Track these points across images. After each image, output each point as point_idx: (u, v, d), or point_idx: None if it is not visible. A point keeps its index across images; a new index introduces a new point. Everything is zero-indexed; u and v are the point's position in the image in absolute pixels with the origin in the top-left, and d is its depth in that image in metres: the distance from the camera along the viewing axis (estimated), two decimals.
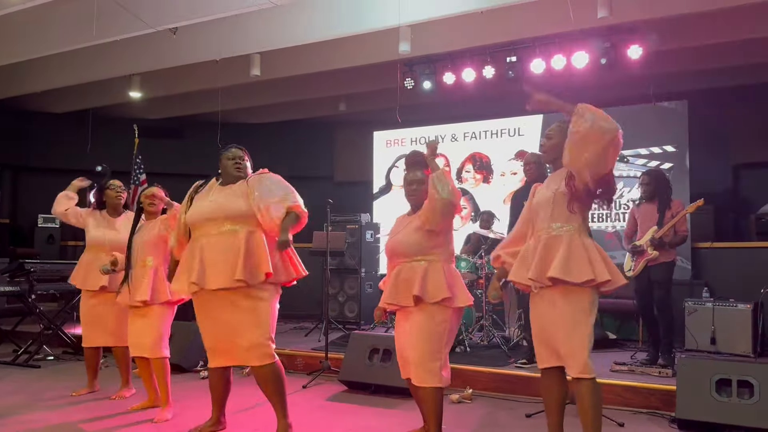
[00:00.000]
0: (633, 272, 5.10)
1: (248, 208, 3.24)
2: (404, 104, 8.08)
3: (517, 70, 7.09)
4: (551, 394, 2.98)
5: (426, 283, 3.12)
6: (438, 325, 3.13)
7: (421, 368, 3.12)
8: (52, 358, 5.98)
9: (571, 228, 2.82)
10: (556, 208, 2.85)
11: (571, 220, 2.83)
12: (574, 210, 2.81)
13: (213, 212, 3.26)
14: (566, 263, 2.74)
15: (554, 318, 2.81)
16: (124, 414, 4.02)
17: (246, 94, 8.94)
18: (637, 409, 4.22)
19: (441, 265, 3.18)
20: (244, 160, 3.43)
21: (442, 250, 3.22)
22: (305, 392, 4.76)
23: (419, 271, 3.15)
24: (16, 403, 4.26)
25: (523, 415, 4.05)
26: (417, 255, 3.19)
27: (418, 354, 3.13)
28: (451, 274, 3.20)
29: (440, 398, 3.16)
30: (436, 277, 3.13)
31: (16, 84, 8.60)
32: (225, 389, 3.45)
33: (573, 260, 2.75)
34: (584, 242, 2.82)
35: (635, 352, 5.58)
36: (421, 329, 3.14)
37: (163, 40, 6.91)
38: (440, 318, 3.13)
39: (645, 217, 5.13)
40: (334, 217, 6.74)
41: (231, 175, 3.38)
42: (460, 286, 3.21)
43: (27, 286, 5.85)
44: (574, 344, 2.75)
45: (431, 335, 3.12)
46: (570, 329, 2.76)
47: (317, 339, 6.32)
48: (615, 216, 7.18)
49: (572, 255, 2.76)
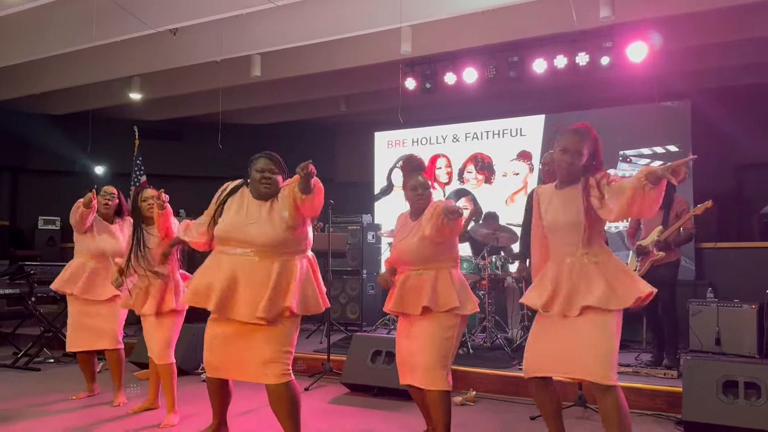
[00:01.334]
0: (638, 273, 5.06)
1: (282, 235, 2.98)
2: (405, 105, 8.05)
3: (518, 70, 7.05)
4: (544, 404, 2.95)
5: (435, 293, 3.13)
6: (446, 331, 3.14)
7: (430, 373, 3.12)
8: (52, 361, 5.95)
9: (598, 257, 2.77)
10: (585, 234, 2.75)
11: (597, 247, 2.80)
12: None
13: (245, 235, 2.99)
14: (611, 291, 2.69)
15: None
16: (125, 417, 3.99)
17: (246, 95, 8.91)
18: (642, 411, 4.18)
19: (449, 273, 3.18)
20: (275, 173, 3.08)
21: (448, 256, 3.23)
22: (307, 395, 4.72)
23: (428, 280, 3.15)
24: (16, 407, 4.23)
25: (527, 417, 4.02)
26: (424, 263, 3.20)
27: (428, 360, 3.12)
28: (459, 281, 3.21)
29: (448, 401, 3.16)
30: (445, 286, 3.14)
31: (15, 86, 8.57)
32: (225, 396, 3.27)
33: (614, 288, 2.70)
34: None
35: (639, 353, 5.55)
36: (431, 336, 3.14)
37: (163, 40, 6.88)
38: (449, 325, 3.15)
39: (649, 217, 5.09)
40: (335, 218, 6.70)
41: (259, 192, 3.07)
42: (468, 293, 3.23)
43: (27, 289, 5.82)
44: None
45: (441, 341, 3.13)
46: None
47: (319, 341, 6.29)
48: None
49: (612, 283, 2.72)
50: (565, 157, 2.78)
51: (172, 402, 3.90)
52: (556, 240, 2.84)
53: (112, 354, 4.41)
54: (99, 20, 6.26)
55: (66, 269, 4.51)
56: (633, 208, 2.54)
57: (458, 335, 3.22)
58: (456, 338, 3.20)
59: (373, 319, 7.27)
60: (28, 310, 6.03)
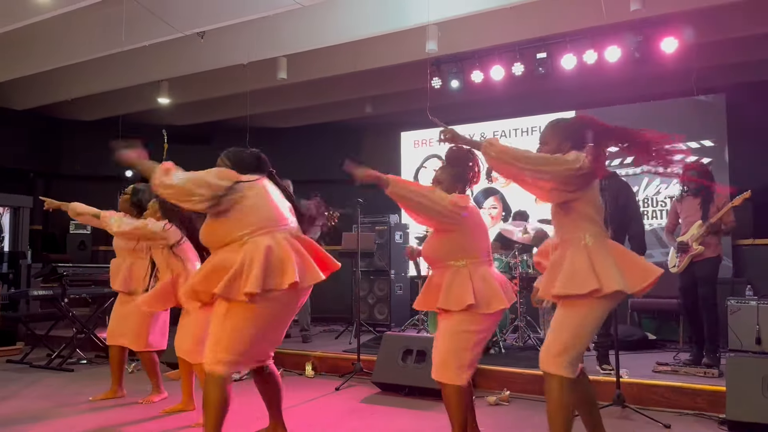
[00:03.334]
0: (677, 269, 4.94)
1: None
2: (432, 104, 8.00)
3: (547, 66, 6.97)
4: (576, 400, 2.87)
5: (449, 292, 3.04)
6: (462, 326, 3.02)
7: (442, 366, 3.06)
8: (85, 361, 6.01)
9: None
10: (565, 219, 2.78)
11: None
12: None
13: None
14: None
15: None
16: (158, 418, 3.98)
17: (273, 98, 8.95)
18: (683, 411, 4.06)
19: (468, 270, 3.03)
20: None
21: (467, 252, 3.06)
22: (338, 394, 4.69)
23: (446, 278, 3.07)
24: (50, 407, 4.27)
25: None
26: (443, 260, 3.10)
27: (441, 353, 3.07)
28: (480, 279, 3.03)
29: (460, 397, 3.03)
30: (461, 284, 3.02)
31: (47, 92, 8.74)
32: (263, 389, 3.30)
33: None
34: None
35: (677, 352, 5.41)
36: (447, 330, 3.08)
37: (190, 45, 6.94)
38: (466, 321, 3.03)
39: (689, 212, 4.98)
40: (362, 218, 6.66)
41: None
42: (492, 290, 3.03)
43: (60, 290, 5.89)
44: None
45: (455, 335, 3.04)
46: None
47: (348, 341, 6.26)
48: (652, 213, 6.99)
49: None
50: (542, 148, 2.85)
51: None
52: (555, 227, 2.89)
53: (141, 355, 4.47)
54: (129, 25, 6.34)
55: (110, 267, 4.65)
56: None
57: (479, 332, 3.04)
58: (475, 334, 3.02)
59: (401, 319, 7.22)
60: (61, 312, 6.10)
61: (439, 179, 3.21)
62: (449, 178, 3.17)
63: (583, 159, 2.64)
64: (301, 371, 5.45)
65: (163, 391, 4.49)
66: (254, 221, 2.93)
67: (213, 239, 3.01)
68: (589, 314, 2.67)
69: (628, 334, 5.89)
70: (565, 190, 2.66)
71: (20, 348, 6.61)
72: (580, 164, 2.61)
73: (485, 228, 3.19)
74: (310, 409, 4.24)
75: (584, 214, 2.71)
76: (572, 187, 2.65)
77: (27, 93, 8.89)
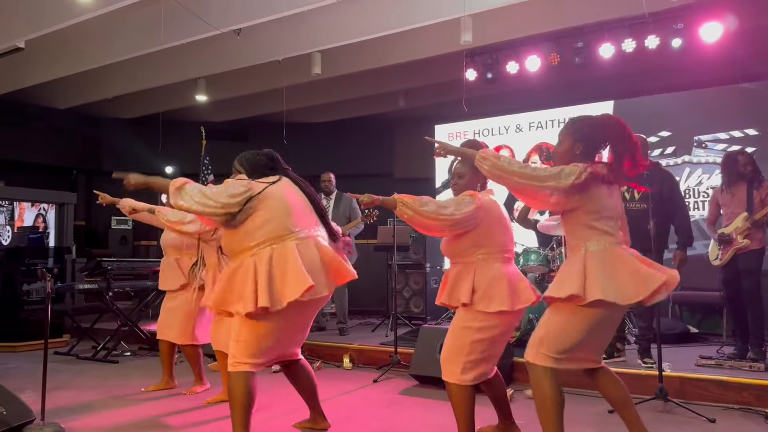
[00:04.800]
0: (720, 261, 4.83)
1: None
2: (466, 96, 7.96)
3: (584, 55, 6.86)
4: (603, 394, 2.92)
5: (451, 289, 3.04)
6: (466, 322, 2.98)
7: (444, 364, 3.04)
8: (129, 354, 6.17)
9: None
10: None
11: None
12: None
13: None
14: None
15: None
16: (201, 408, 4.07)
17: (308, 94, 9.02)
18: (729, 405, 3.97)
19: (475, 267, 2.97)
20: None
21: (481, 247, 2.98)
22: (376, 386, 4.73)
23: (452, 275, 3.06)
24: (97, 398, 4.39)
25: (603, 411, 3.87)
26: (459, 257, 3.06)
27: (444, 351, 3.06)
28: (484, 276, 2.95)
29: (465, 397, 2.97)
30: (463, 281, 2.98)
31: (89, 91, 8.96)
32: (300, 383, 3.36)
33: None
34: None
35: (721, 345, 5.29)
36: (452, 328, 3.07)
37: (227, 42, 7.03)
38: (468, 318, 2.99)
39: (732, 203, 4.85)
40: None
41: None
42: (496, 289, 2.93)
43: (104, 284, 6.05)
44: None
45: (457, 332, 3.01)
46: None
47: (384, 334, 6.29)
48: (693, 204, 6.83)
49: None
50: (557, 147, 2.86)
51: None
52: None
53: (183, 349, 4.58)
54: (167, 24, 6.45)
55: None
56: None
57: (481, 329, 2.94)
58: (476, 331, 2.94)
59: (437, 312, 7.22)
60: (105, 305, 6.27)
61: (460, 173, 3.15)
62: (470, 172, 3.09)
63: (579, 172, 2.60)
64: (339, 363, 5.51)
65: (205, 382, 4.60)
66: (263, 234, 2.94)
67: (229, 247, 3.10)
68: (571, 319, 2.66)
69: (669, 327, 5.79)
70: (561, 201, 2.66)
71: (67, 340, 6.82)
72: (573, 179, 2.59)
73: (506, 222, 3.08)
74: (349, 401, 4.28)
75: (584, 223, 2.67)
76: (568, 198, 2.65)
77: (69, 92, 9.14)
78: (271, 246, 2.93)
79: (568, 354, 2.69)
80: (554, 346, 2.68)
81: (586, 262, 2.62)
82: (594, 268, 2.60)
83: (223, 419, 3.76)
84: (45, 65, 7.82)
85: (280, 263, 2.90)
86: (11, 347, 6.43)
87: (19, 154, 9.41)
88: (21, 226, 8.85)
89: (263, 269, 2.87)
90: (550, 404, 2.70)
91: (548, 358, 2.69)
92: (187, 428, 3.62)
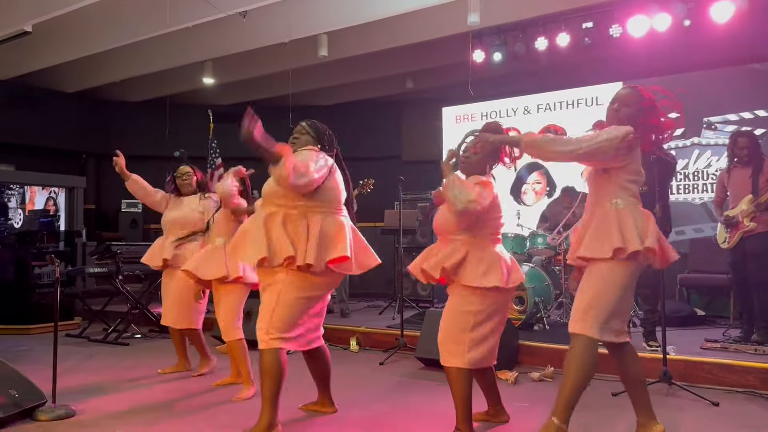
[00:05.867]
0: (728, 244, 4.81)
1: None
2: (474, 78, 7.91)
3: (593, 36, 6.79)
4: (623, 371, 2.94)
5: (447, 263, 2.97)
6: (464, 305, 2.97)
7: (443, 347, 3.04)
8: (139, 336, 6.25)
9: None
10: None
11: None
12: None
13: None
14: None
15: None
16: (210, 391, 4.11)
17: (314, 76, 9.00)
18: (733, 388, 3.99)
19: (472, 244, 2.98)
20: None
21: (477, 230, 3.00)
22: (382, 369, 4.77)
23: (447, 250, 3.01)
24: (109, 380, 4.46)
25: (608, 393, 3.90)
26: (452, 233, 3.04)
27: (442, 333, 3.05)
28: (482, 253, 2.97)
29: (465, 380, 2.97)
30: (458, 257, 2.96)
31: (96, 74, 8.98)
32: (318, 365, 3.42)
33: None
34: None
35: (727, 328, 5.29)
36: (448, 309, 3.06)
37: (233, 24, 7.00)
38: (464, 299, 2.98)
39: (737, 184, 4.82)
40: (404, 195, 6.67)
41: None
42: (494, 266, 2.96)
43: (114, 267, 6.11)
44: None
45: (455, 316, 3.00)
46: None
47: (391, 317, 6.33)
48: (702, 187, 6.79)
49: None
50: (623, 109, 2.87)
51: (247, 376, 3.98)
52: (589, 190, 2.95)
53: (184, 332, 4.59)
54: (173, 6, 6.44)
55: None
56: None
57: (482, 311, 2.96)
58: (477, 313, 2.95)
59: (444, 296, 7.16)
60: (115, 288, 6.34)
61: (476, 150, 3.13)
62: (482, 153, 3.11)
63: (625, 132, 2.71)
64: (346, 346, 5.56)
65: (211, 358, 4.63)
66: (319, 201, 3.05)
67: (276, 195, 3.07)
68: (609, 280, 2.73)
69: (675, 309, 5.79)
70: (621, 156, 2.74)
71: (78, 323, 6.91)
72: (622, 136, 2.70)
73: (499, 205, 3.08)
74: (355, 383, 4.32)
75: (620, 183, 2.79)
76: (618, 156, 2.73)
77: (76, 76, 9.15)
78: (322, 214, 3.04)
79: (609, 322, 2.75)
80: (599, 313, 2.72)
81: (620, 218, 2.73)
82: (630, 222, 2.71)
83: (234, 402, 3.82)
84: (52, 49, 7.83)
85: (331, 231, 3.02)
86: (24, 330, 6.52)
87: (28, 138, 9.46)
88: (32, 210, 8.94)
89: (315, 231, 2.98)
90: (586, 376, 2.75)
91: (595, 327, 2.72)
92: (199, 410, 3.67)
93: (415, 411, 3.63)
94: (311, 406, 3.56)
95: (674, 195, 6.77)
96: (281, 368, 3.00)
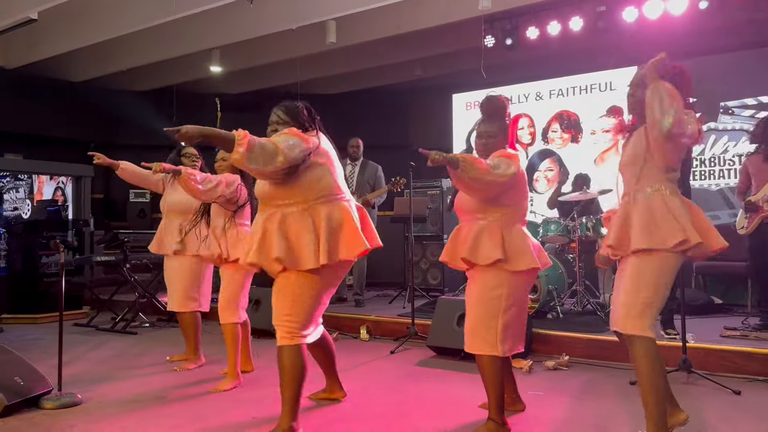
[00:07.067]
0: (746, 230, 4.69)
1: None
2: (485, 63, 7.78)
3: (607, 19, 6.65)
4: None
5: (477, 244, 2.87)
6: (492, 290, 2.87)
7: (472, 335, 2.92)
8: (147, 325, 6.20)
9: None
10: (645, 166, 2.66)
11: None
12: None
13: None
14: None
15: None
16: (218, 379, 4.02)
17: (322, 64, 8.89)
18: (754, 377, 3.89)
19: (499, 225, 2.88)
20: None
21: (504, 210, 2.90)
22: (393, 358, 4.70)
23: (474, 230, 2.91)
24: (117, 368, 4.42)
25: (625, 382, 3.81)
26: (477, 212, 2.93)
27: (471, 321, 2.94)
28: (510, 235, 2.88)
29: (497, 368, 2.88)
30: (490, 238, 2.86)
31: (102, 63, 8.91)
32: (321, 353, 3.33)
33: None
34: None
35: (746, 317, 5.18)
36: (476, 295, 2.93)
37: (240, 11, 6.91)
38: (495, 283, 2.87)
39: (759, 170, 4.69)
40: (414, 183, 6.58)
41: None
42: (521, 250, 2.87)
43: (122, 256, 6.06)
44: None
45: (485, 301, 2.88)
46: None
47: (401, 306, 6.25)
48: (719, 173, 6.65)
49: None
50: (634, 90, 2.78)
51: (232, 366, 3.85)
52: (624, 178, 2.79)
53: (179, 316, 4.46)
54: None
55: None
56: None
57: (511, 295, 2.87)
58: (507, 297, 2.86)
59: (454, 284, 7.15)
60: (123, 277, 6.30)
61: (491, 133, 3.04)
62: (498, 131, 3.03)
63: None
64: (356, 335, 5.49)
65: (201, 356, 4.47)
66: (317, 190, 2.84)
67: (269, 196, 2.89)
68: (664, 266, 2.57)
69: (693, 297, 5.68)
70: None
71: (86, 312, 6.88)
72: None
73: (526, 188, 3.03)
74: (366, 372, 4.26)
75: (667, 167, 2.62)
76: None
77: (83, 65, 9.09)
78: (325, 203, 2.85)
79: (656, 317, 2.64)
80: (655, 312, 2.60)
81: (672, 207, 2.56)
82: (683, 212, 2.56)
83: (240, 390, 3.76)
84: (58, 37, 7.77)
85: (338, 221, 2.85)
86: (32, 319, 6.50)
87: (36, 128, 9.41)
88: (40, 200, 8.93)
89: (324, 226, 2.80)
90: (659, 373, 2.59)
91: (651, 326, 2.59)
92: (205, 399, 3.61)
93: (427, 400, 3.55)
94: (321, 395, 3.49)
95: (690, 181, 6.63)
96: (304, 365, 2.85)
